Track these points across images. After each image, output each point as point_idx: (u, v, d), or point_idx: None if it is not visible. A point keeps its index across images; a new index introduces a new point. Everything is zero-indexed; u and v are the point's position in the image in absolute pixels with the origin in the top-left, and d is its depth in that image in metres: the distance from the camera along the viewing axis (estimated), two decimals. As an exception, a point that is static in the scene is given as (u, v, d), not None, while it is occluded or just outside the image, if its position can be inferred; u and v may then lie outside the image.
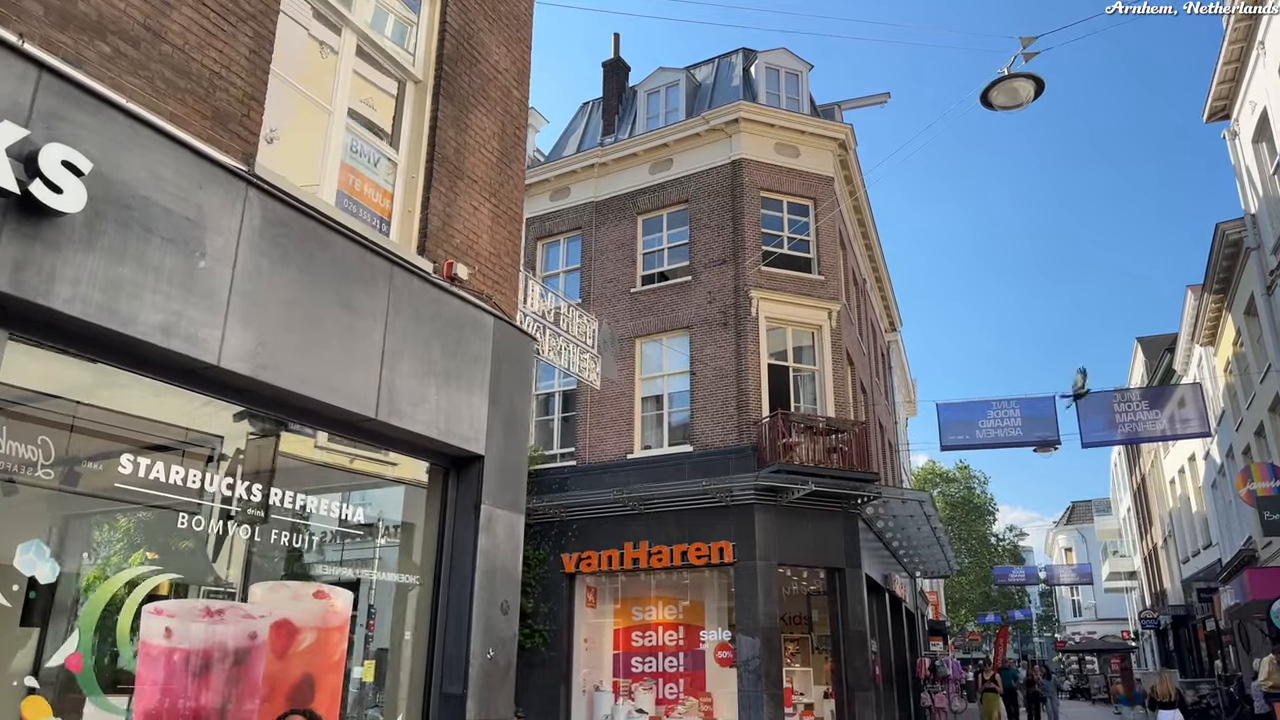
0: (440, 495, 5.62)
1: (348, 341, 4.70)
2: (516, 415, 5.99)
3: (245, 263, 4.20)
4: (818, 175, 18.86)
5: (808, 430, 16.68)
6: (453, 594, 5.43)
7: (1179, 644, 37.00)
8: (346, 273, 4.77)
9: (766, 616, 15.52)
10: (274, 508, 4.56)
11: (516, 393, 6.03)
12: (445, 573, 5.46)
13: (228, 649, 4.15)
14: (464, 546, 5.49)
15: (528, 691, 17.14)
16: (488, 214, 6.12)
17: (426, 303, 5.31)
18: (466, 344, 5.61)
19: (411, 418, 5.05)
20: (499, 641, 5.51)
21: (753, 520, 16.04)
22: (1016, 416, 16.80)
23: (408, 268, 5.21)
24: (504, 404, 5.88)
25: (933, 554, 23.51)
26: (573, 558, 17.42)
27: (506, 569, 5.68)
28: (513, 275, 6.34)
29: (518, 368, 6.10)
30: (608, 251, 19.54)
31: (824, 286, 18.33)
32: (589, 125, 21.84)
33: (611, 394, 18.40)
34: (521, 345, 6.18)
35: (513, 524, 5.79)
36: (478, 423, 5.60)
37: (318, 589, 4.65)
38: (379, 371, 4.87)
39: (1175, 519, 33.22)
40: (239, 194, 4.23)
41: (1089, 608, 65.05)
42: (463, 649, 5.27)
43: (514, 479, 5.87)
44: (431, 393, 5.23)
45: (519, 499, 5.89)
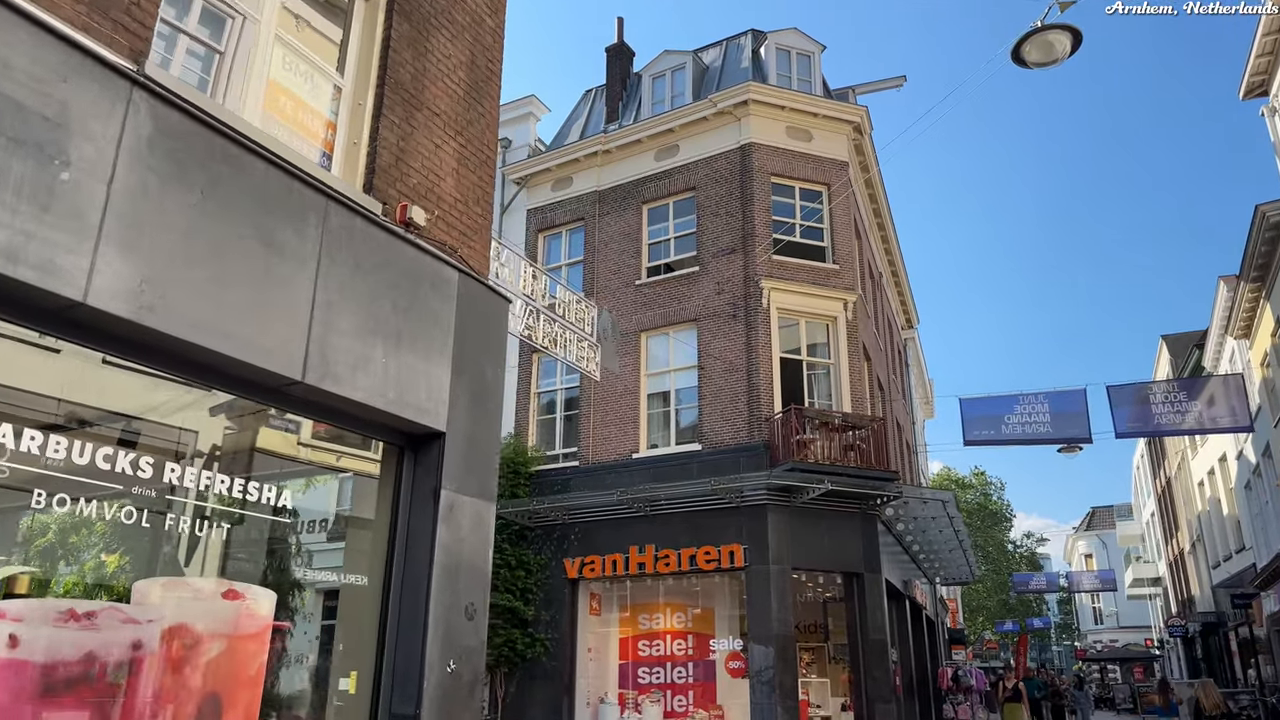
0: (393, 479, 4.76)
1: (266, 287, 3.86)
2: (486, 387, 5.13)
3: (126, 179, 3.36)
4: (831, 160, 17.97)
5: (823, 427, 15.76)
6: (405, 596, 4.56)
7: (1208, 652, 35.73)
8: (267, 204, 3.92)
9: (780, 624, 14.59)
10: (176, 488, 3.72)
11: (487, 361, 5.17)
12: (397, 570, 4.60)
13: (101, 661, 3.30)
14: (420, 539, 4.63)
15: (529, 704, 16.26)
16: (452, 154, 5.28)
17: (373, 249, 4.47)
18: (424, 301, 4.76)
19: (350, 383, 4.19)
20: (462, 652, 4.64)
21: (765, 522, 15.12)
22: (1045, 412, 15.82)
23: (349, 205, 4.36)
24: (471, 374, 5.02)
25: (954, 558, 22.50)
26: (575, 562, 16.54)
27: (473, 566, 4.81)
28: (483, 228, 5.49)
29: (488, 333, 5.24)
30: (611, 243, 18.70)
31: (839, 276, 17.43)
32: (592, 113, 21.05)
33: (616, 391, 17.54)
34: (493, 307, 5.32)
35: (481, 514, 4.92)
36: (437, 394, 4.75)
37: (228, 588, 3.79)
38: (307, 325, 4.02)
39: (1204, 522, 32.03)
40: (121, 95, 3.39)
41: (1110, 615, 63.60)
42: (416, 661, 4.40)
43: (483, 461, 5.01)
44: (377, 355, 4.38)
45: (489, 485, 5.03)
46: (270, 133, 4.31)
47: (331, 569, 4.65)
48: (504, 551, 16.74)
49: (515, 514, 16.73)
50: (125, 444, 3.55)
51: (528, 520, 17.02)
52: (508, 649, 16.21)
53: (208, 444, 4.09)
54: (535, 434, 18.60)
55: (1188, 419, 15.27)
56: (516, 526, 17.06)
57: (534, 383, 18.92)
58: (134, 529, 3.58)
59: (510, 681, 16.56)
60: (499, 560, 16.62)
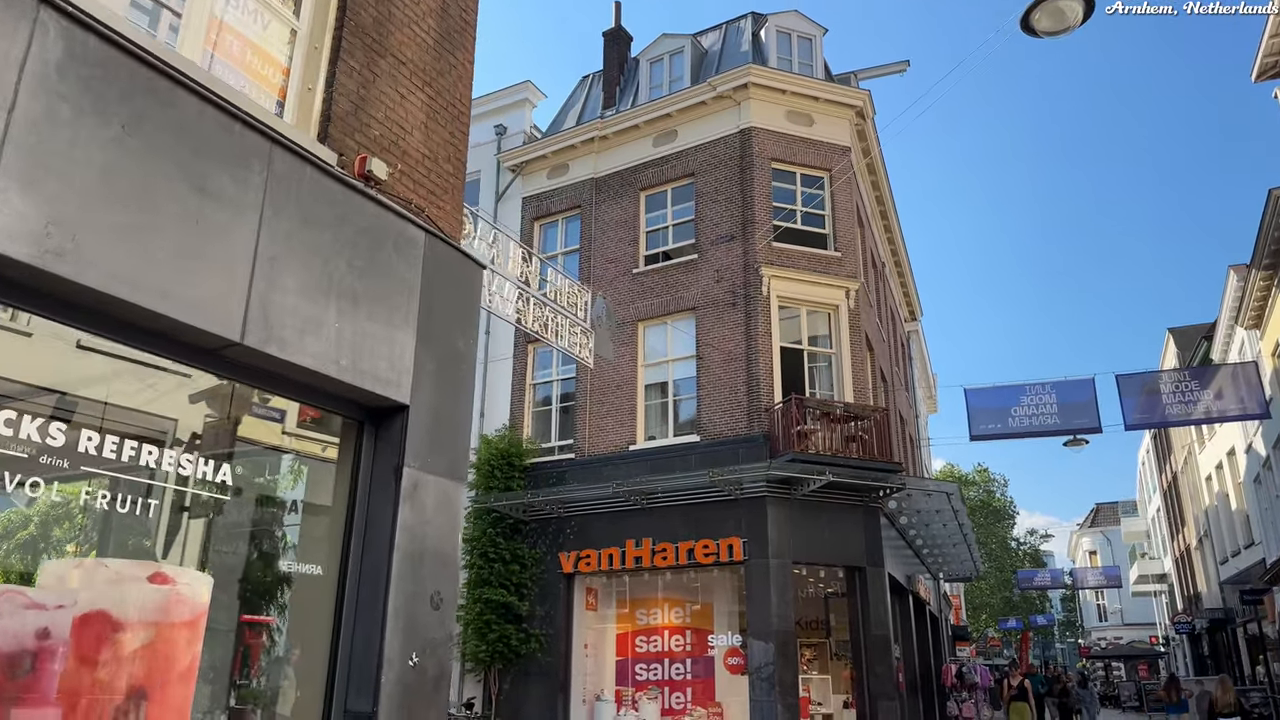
0: (352, 456, 4.37)
1: (199, 236, 3.46)
2: (456, 358, 4.74)
3: (30, 106, 2.96)
4: (833, 145, 17.55)
5: (824, 417, 15.36)
6: (363, 584, 4.17)
7: (1215, 649, 35.31)
8: (201, 146, 3.53)
9: (780, 619, 14.20)
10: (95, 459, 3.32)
11: (457, 330, 4.77)
12: (354, 556, 4.21)
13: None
14: (380, 522, 4.24)
15: (523, 701, 15.89)
16: (420, 106, 4.88)
17: (326, 202, 4.07)
18: (387, 263, 4.36)
19: (298, 348, 3.80)
20: (427, 644, 4.25)
21: (765, 515, 14.73)
22: (1052, 402, 15.41)
23: (299, 152, 3.96)
24: (439, 343, 4.63)
25: (958, 553, 22.08)
26: (571, 557, 16.16)
27: (440, 551, 4.42)
28: (455, 188, 5.09)
29: (459, 299, 4.84)
30: (608, 231, 18.30)
31: (841, 264, 17.01)
32: (589, 99, 20.64)
33: (612, 382, 17.16)
34: (465, 272, 4.93)
35: (449, 495, 4.53)
36: (400, 363, 4.35)
37: (155, 570, 3.39)
38: (248, 281, 3.63)
39: (1212, 517, 31.59)
40: (24, 12, 3.00)
41: (1115, 612, 63.19)
42: (374, 654, 4.01)
43: (451, 437, 4.62)
44: (330, 318, 3.98)
45: (458, 463, 4.63)
46: (214, 74, 3.91)
47: (284, 556, 4.26)
48: (498, 546, 16.37)
49: (510, 507, 16.35)
50: (36, 414, 3.16)
51: (522, 514, 16.64)
52: (502, 645, 15.84)
53: (149, 417, 3.70)
54: (531, 426, 18.21)
55: (1199, 408, 14.84)
56: (511, 520, 16.68)
57: (529, 374, 18.54)
58: (42, 505, 3.19)
59: (505, 678, 16.18)
60: (493, 555, 16.25)
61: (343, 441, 4.41)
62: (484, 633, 15.84)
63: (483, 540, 16.43)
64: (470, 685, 16.59)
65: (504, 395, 18.42)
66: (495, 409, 18.37)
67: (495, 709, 16.02)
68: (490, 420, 18.27)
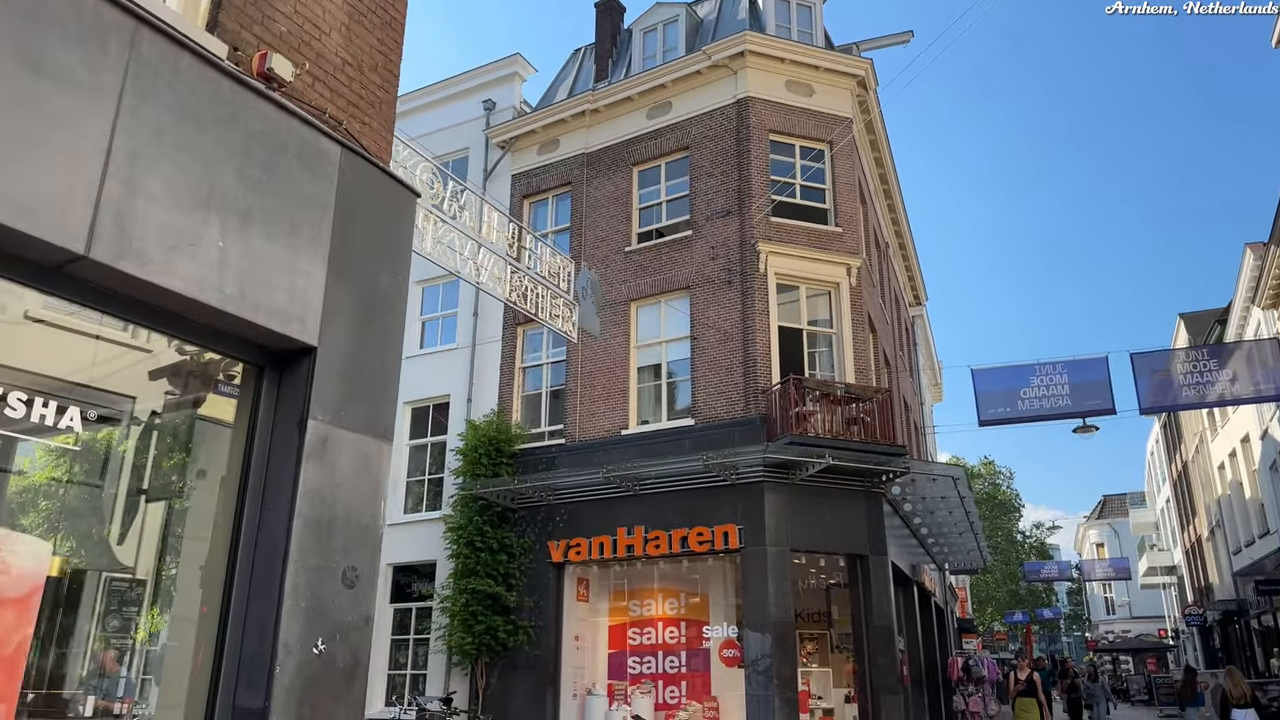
0: (249, 406, 3.70)
1: (32, 123, 2.79)
2: (381, 297, 4.06)
3: None
4: (834, 116, 16.82)
5: (824, 398, 14.66)
6: (258, 557, 3.51)
7: (1227, 642, 34.58)
8: (37, 14, 2.85)
9: (778, 609, 13.53)
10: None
11: (382, 264, 4.10)
12: (249, 524, 3.54)
13: None
14: (280, 484, 3.57)
15: (511, 695, 15.26)
16: (341, 4, 4.19)
17: (211, 98, 3.39)
18: (289, 176, 3.68)
19: (165, 267, 3.12)
20: (337, 629, 3.58)
21: (762, 501, 14.07)
22: (1064, 384, 14.69)
23: (174, 36, 3.28)
24: (358, 277, 3.95)
25: (964, 543, 21.39)
26: (560, 545, 15.51)
27: (356, 520, 3.75)
28: (383, 103, 4.41)
29: (385, 230, 4.17)
30: (600, 208, 17.61)
31: (841, 240, 16.30)
32: (580, 72, 19.93)
33: (604, 364, 16.49)
34: (393, 200, 4.24)
35: (369, 454, 3.85)
36: (305, 297, 3.67)
37: (-29, 535, 2.72)
38: (98, 181, 2.95)
39: (1224, 507, 30.84)
40: None
41: (1123, 605, 62.41)
42: (268, 640, 3.34)
43: (374, 388, 3.94)
44: (211, 235, 3.30)
45: (381, 418, 3.96)
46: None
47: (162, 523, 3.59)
48: (485, 535, 15.73)
49: (497, 495, 15.70)
50: None
51: (510, 501, 15.99)
52: (489, 637, 15.20)
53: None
54: (520, 411, 17.55)
55: (1220, 389, 14.11)
56: (498, 508, 16.04)
57: (519, 357, 17.87)
58: None
59: (492, 672, 15.55)
60: (480, 544, 15.60)
61: (241, 390, 3.74)
62: (470, 624, 15.21)
63: (469, 529, 15.79)
64: (457, 678, 15.96)
65: (492, 379, 17.76)
66: (483, 393, 17.71)
67: (482, 703, 15.38)
68: (478, 405, 17.62)
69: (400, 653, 17.38)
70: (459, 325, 18.63)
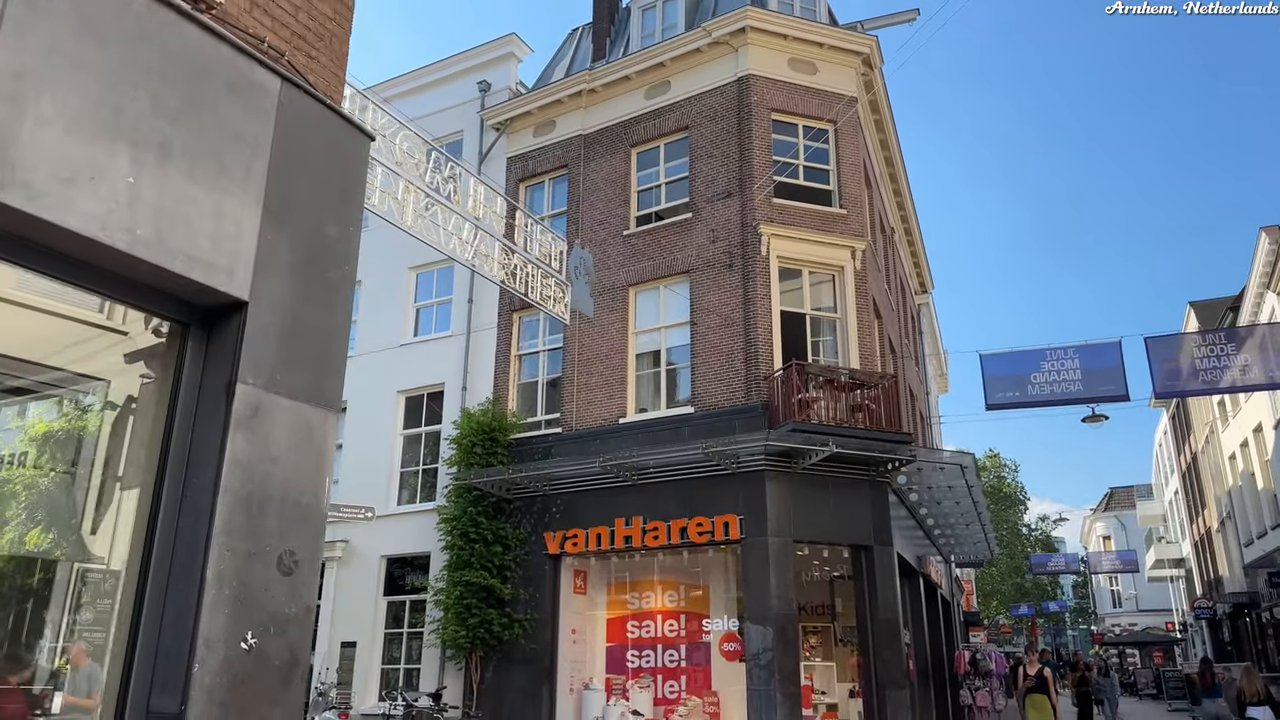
0: (173, 370, 3.26)
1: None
2: (327, 250, 3.62)
3: None
4: (838, 95, 16.32)
5: (828, 385, 14.20)
6: (180, 540, 3.07)
7: (1236, 635, 34.12)
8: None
9: (780, 601, 13.11)
10: None
11: (329, 213, 3.65)
12: (168, 502, 3.11)
13: None
14: (204, 456, 3.13)
15: (506, 690, 14.87)
16: (284, -79, 3.74)
17: (121, 14, 2.95)
18: (216, 108, 3.24)
19: (61, 203, 2.68)
20: (273, 621, 3.15)
21: (763, 490, 13.63)
22: (1075, 368, 14.21)
23: (71, -61, 2.83)
24: (300, 226, 3.51)
25: (970, 534, 20.93)
26: (557, 536, 15.10)
27: (294, 499, 3.31)
28: (334, 37, 3.96)
29: (333, 175, 3.72)
30: (598, 190, 17.15)
31: (846, 222, 15.82)
32: (578, 52, 19.46)
33: (601, 351, 16.06)
34: (342, 142, 3.80)
35: (311, 425, 3.42)
36: (235, 245, 3.23)
37: None
38: (-30, 97, 2.51)
39: (1235, 498, 30.34)
40: None
41: (1129, 598, 61.97)
42: (186, 633, 2.91)
43: (318, 352, 3.51)
44: (119, 169, 2.86)
45: (328, 386, 3.52)
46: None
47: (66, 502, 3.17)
48: (480, 526, 15.32)
49: (492, 485, 15.29)
50: None
51: (505, 492, 15.58)
52: (483, 631, 14.81)
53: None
54: (516, 399, 17.12)
55: (1235, 374, 13.62)
56: (493, 499, 15.63)
57: (515, 344, 17.43)
58: None
59: (486, 666, 15.16)
60: (474, 535, 15.20)
61: (166, 352, 3.31)
62: (464, 618, 14.81)
63: (463, 520, 15.38)
64: (451, 673, 15.58)
65: (487, 367, 17.33)
66: (478, 382, 17.29)
67: (477, 698, 15.00)
68: (473, 394, 17.19)
69: (394, 647, 17.00)
70: (453, 312, 18.20)
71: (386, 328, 18.73)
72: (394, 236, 18.20)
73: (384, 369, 18.34)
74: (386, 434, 18.00)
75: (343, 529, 17.17)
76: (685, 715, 14.20)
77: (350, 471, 18.19)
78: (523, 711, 14.57)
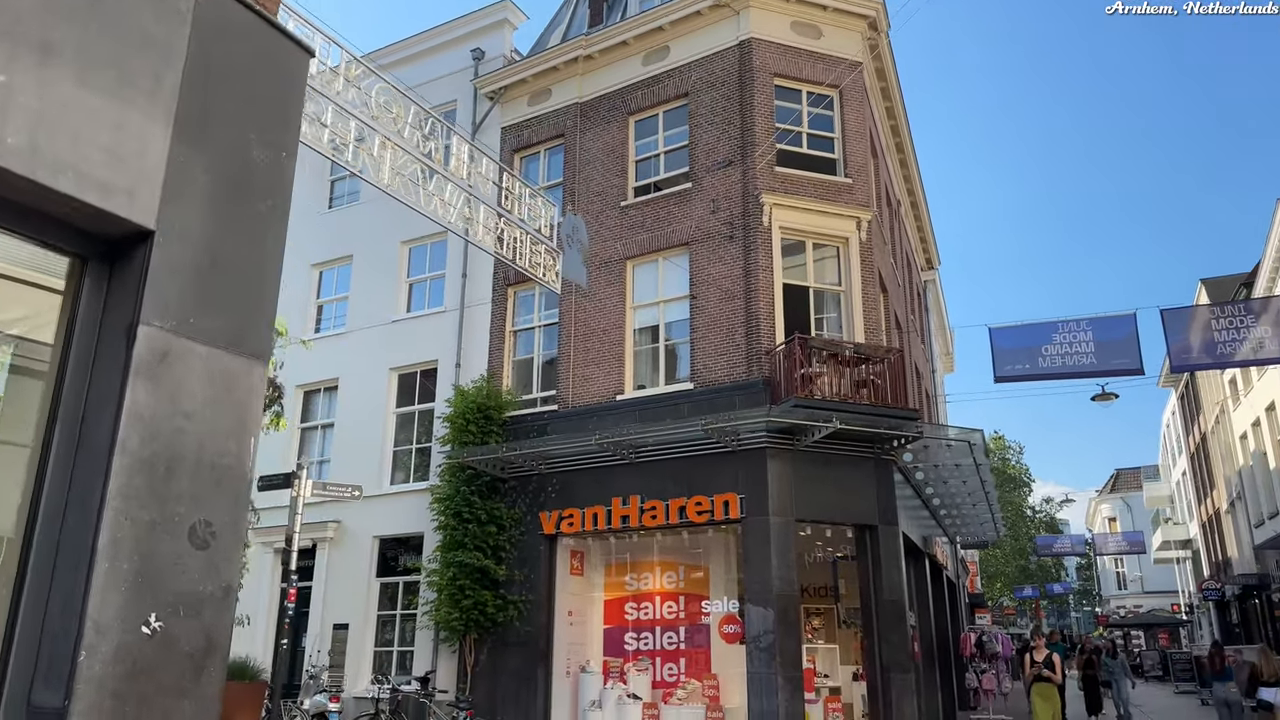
0: (68, 310, 2.81)
1: None
2: (257, 177, 3.15)
3: None
4: (843, 60, 15.75)
5: (832, 359, 13.73)
6: (70, 506, 2.63)
7: (1245, 617, 33.75)
8: None
9: (782, 582, 12.70)
10: None
11: (259, 136, 3.18)
12: (57, 463, 2.66)
13: None
14: (100, 408, 2.68)
15: (500, 673, 14.52)
16: None
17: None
18: (123, 9, 2.76)
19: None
20: (183, 602, 2.71)
21: (765, 468, 13.20)
22: (1088, 340, 13.71)
23: None
24: (222, 148, 3.04)
25: (976, 514, 20.51)
26: (552, 516, 14.71)
27: (212, 460, 2.86)
28: (269, -64, 3.47)
29: (265, 94, 3.25)
30: (594, 161, 16.63)
31: (851, 191, 15.29)
32: (574, 17, 18.87)
33: (598, 326, 15.59)
34: (277, 56, 3.32)
35: (233, 375, 2.96)
36: (140, 165, 2.76)
37: None
38: None
39: (1246, 478, 29.86)
40: None
41: (1134, 580, 61.68)
42: (74, 617, 2.47)
43: (244, 292, 3.05)
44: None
45: (254, 332, 3.06)
46: None
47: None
48: (473, 505, 14.92)
49: (486, 463, 14.87)
50: None
51: (500, 471, 15.17)
52: (477, 613, 14.43)
53: None
54: (511, 376, 16.68)
55: (1255, 346, 13.11)
56: (487, 478, 15.21)
57: (509, 319, 16.97)
58: None
59: (480, 649, 14.80)
60: (468, 515, 14.79)
61: (65, 291, 2.85)
62: (458, 599, 14.44)
63: (456, 500, 14.98)
64: (445, 656, 15.22)
65: (482, 343, 16.88)
66: (472, 358, 16.84)
67: (470, 681, 14.65)
68: (467, 371, 16.75)
69: (387, 629, 16.66)
70: (447, 287, 17.72)
71: (378, 304, 18.28)
72: (385, 210, 17.81)
73: (376, 346, 17.91)
74: (379, 412, 17.58)
75: (334, 509, 16.79)
76: (684, 698, 13.83)
77: (342, 451, 17.80)
78: (517, 695, 14.23)
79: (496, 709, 14.12)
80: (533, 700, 14.06)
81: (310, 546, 16.99)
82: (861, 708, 14.05)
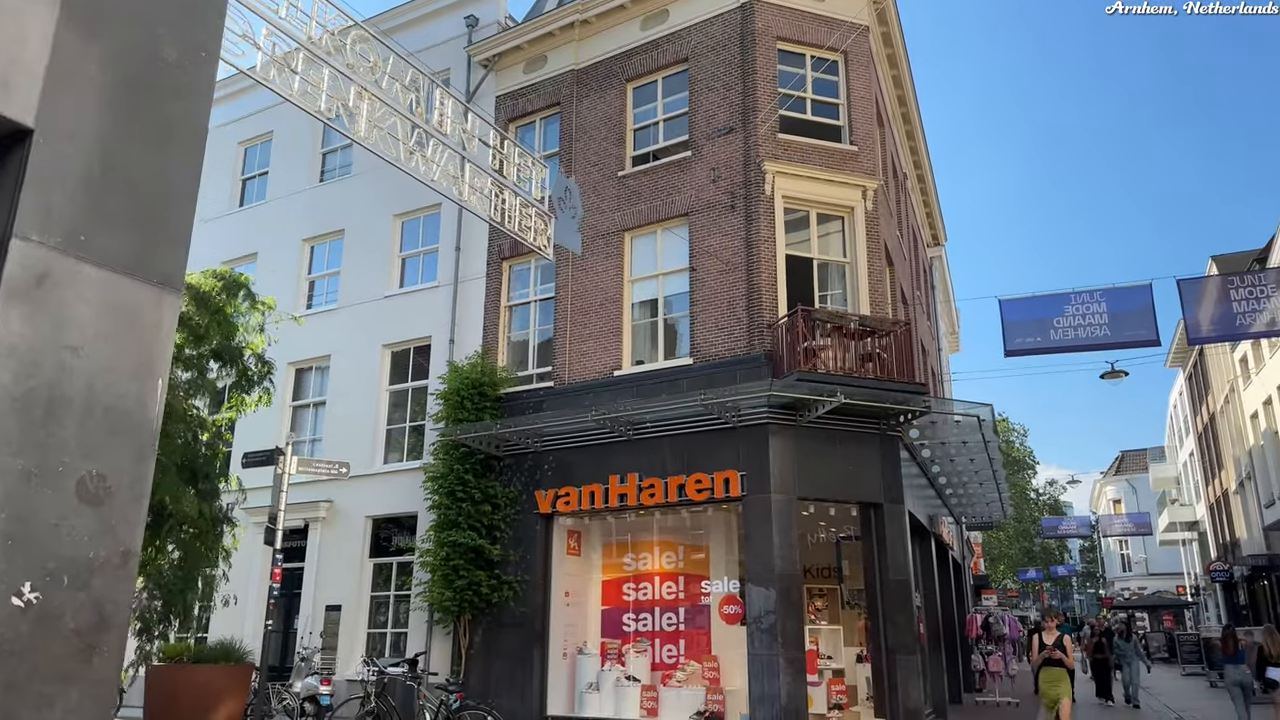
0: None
1: None
2: (166, 77, 2.69)
3: None
4: (849, 24, 15.19)
5: (836, 331, 13.28)
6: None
7: (1253, 599, 33.39)
8: None
9: (784, 562, 12.31)
10: None
11: (169, 29, 2.72)
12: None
13: None
14: (-35, 338, 2.23)
15: (495, 654, 14.17)
16: None
17: None
18: None
19: None
20: (67, 568, 2.28)
21: (766, 445, 12.78)
22: (1102, 312, 13.24)
23: None
24: (123, 40, 2.58)
25: (983, 494, 20.09)
26: (548, 495, 14.31)
27: (106, 403, 2.42)
28: None
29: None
30: (591, 130, 16.12)
31: (857, 159, 14.78)
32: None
33: (595, 300, 15.14)
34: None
35: (135, 306, 2.52)
36: (18, 51, 2.31)
37: None
38: None
39: (1256, 458, 29.41)
40: None
41: (1139, 562, 61.35)
42: (-77, 585, 2.03)
43: (148, 207, 2.60)
44: None
45: (161, 255, 2.61)
46: None
47: None
48: (467, 484, 14.52)
49: (480, 440, 14.46)
50: None
51: (495, 448, 14.77)
52: (471, 593, 14.06)
53: None
54: (506, 352, 16.25)
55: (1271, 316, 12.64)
56: (482, 456, 14.81)
57: (504, 294, 16.51)
58: None
59: (475, 630, 14.44)
60: (461, 494, 14.39)
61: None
62: (451, 580, 14.06)
63: (450, 478, 14.57)
64: (439, 637, 14.87)
65: (476, 319, 16.44)
66: (467, 334, 16.40)
67: (465, 663, 14.30)
68: (461, 347, 16.31)
69: (381, 610, 16.31)
70: (440, 261, 17.26)
71: (370, 279, 17.83)
72: (377, 183, 17.37)
73: (368, 322, 17.48)
74: (371, 390, 17.17)
75: (326, 489, 16.42)
76: (684, 680, 13.48)
77: (334, 429, 17.42)
78: (513, 677, 13.88)
79: (491, 691, 13.77)
80: (528, 682, 13.71)
81: (302, 526, 16.64)
82: (865, 690, 13.68)
